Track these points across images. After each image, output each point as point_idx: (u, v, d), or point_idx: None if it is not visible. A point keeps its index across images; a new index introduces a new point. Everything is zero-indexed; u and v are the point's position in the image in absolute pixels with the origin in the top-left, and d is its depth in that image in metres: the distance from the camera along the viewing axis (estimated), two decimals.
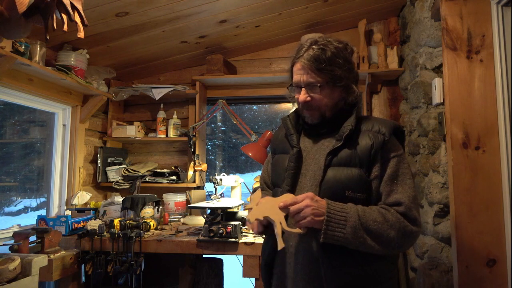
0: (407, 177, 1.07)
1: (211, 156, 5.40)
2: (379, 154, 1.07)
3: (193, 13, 2.08)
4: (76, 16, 1.15)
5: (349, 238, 0.97)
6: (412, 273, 2.19)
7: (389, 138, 1.08)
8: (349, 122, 1.11)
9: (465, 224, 1.51)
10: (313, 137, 1.19)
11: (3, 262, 1.47)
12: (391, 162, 1.07)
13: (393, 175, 1.07)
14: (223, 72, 2.62)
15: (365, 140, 1.09)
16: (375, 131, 1.10)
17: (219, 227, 1.90)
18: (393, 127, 1.12)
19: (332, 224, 0.97)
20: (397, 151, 1.10)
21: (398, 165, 1.08)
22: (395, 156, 1.08)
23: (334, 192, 1.05)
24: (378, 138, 1.08)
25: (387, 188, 1.06)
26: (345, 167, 1.07)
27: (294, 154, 1.15)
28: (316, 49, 1.09)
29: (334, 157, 1.09)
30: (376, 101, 2.65)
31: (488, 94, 1.52)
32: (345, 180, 1.06)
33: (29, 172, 2.70)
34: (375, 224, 0.99)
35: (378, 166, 1.07)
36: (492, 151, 1.50)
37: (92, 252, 1.95)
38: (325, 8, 2.31)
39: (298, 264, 1.09)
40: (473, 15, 1.56)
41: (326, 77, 1.09)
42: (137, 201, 2.28)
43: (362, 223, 0.98)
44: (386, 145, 1.08)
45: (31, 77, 2.06)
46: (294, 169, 1.14)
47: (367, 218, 0.99)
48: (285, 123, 1.25)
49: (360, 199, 1.05)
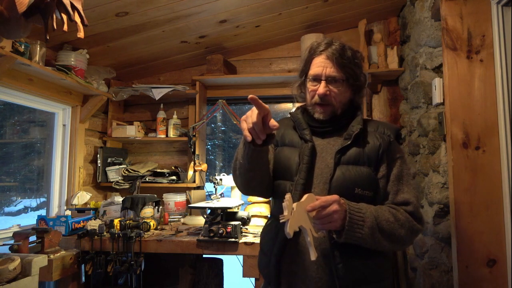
0: (410, 178, 1.14)
1: (211, 156, 5.40)
2: (385, 154, 1.13)
3: (193, 13, 2.08)
4: (76, 16, 1.15)
5: (366, 238, 1.00)
6: (412, 273, 2.19)
7: (394, 140, 1.15)
8: (357, 122, 1.15)
9: (465, 224, 1.51)
10: (318, 136, 1.19)
11: (3, 262, 1.47)
12: (396, 162, 1.13)
13: (399, 175, 1.12)
14: (223, 72, 2.62)
15: (372, 140, 1.14)
16: (381, 132, 1.17)
17: (219, 227, 1.90)
18: (396, 130, 1.18)
19: (352, 224, 0.98)
20: (400, 152, 1.16)
21: (402, 166, 1.14)
22: (399, 157, 1.14)
23: (344, 189, 1.06)
24: (384, 139, 1.14)
25: (395, 187, 1.11)
26: (354, 166, 1.10)
27: (310, 148, 1.14)
28: (338, 46, 1.13)
29: (342, 155, 1.11)
30: (376, 101, 2.65)
31: (488, 94, 1.52)
32: (354, 178, 1.08)
33: (29, 172, 2.70)
34: (388, 224, 1.03)
35: (385, 165, 1.12)
36: (492, 151, 1.50)
37: (92, 252, 1.95)
38: (325, 8, 2.31)
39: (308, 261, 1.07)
40: (473, 15, 1.56)
41: (347, 74, 1.13)
42: (137, 201, 2.28)
43: (378, 223, 1.01)
44: (391, 146, 1.14)
45: (31, 77, 2.06)
46: (308, 162, 1.12)
47: (381, 218, 1.03)
48: (296, 118, 1.23)
49: (368, 196, 1.08)
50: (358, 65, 1.16)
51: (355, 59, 1.15)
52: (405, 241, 1.07)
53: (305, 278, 1.08)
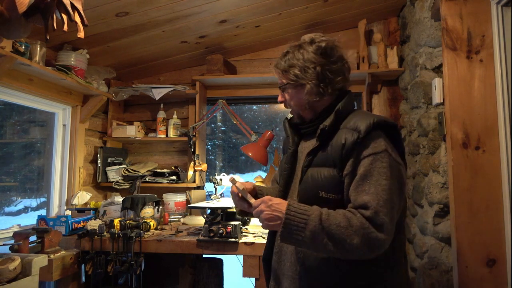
0: (383, 177, 0.97)
1: (211, 156, 5.41)
2: (351, 153, 1.01)
3: (193, 13, 2.08)
4: (76, 16, 1.15)
5: (307, 242, 0.94)
6: (412, 273, 2.19)
7: (364, 136, 1.00)
8: (324, 121, 1.09)
9: (465, 224, 1.51)
10: (305, 138, 1.20)
11: (3, 262, 1.47)
12: (364, 161, 0.99)
13: (365, 175, 0.98)
14: (223, 72, 2.62)
15: (338, 139, 1.04)
16: (351, 127, 1.04)
17: (219, 227, 1.90)
18: (372, 124, 1.01)
19: (291, 227, 0.95)
20: (375, 149, 1.00)
21: (373, 164, 0.98)
22: (371, 155, 0.99)
23: (309, 193, 1.05)
24: (351, 136, 1.01)
25: (358, 189, 0.98)
26: (321, 167, 1.06)
27: (288, 156, 1.19)
28: (284, 53, 1.16)
29: (314, 157, 1.09)
30: (376, 101, 2.65)
31: (488, 94, 1.52)
32: (320, 180, 1.04)
33: (29, 172, 2.70)
34: (338, 229, 0.93)
35: (349, 165, 1.01)
36: (492, 151, 1.50)
37: (92, 252, 1.95)
38: (325, 8, 2.31)
39: (287, 262, 1.11)
40: (473, 15, 1.56)
41: (288, 79, 1.13)
42: (137, 201, 2.28)
43: (324, 227, 0.93)
44: (360, 143, 1.00)
45: (31, 77, 2.06)
46: (287, 170, 1.18)
47: (330, 222, 0.94)
48: (284, 125, 1.27)
49: (334, 199, 1.02)
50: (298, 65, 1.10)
51: (297, 60, 1.11)
52: (360, 250, 0.92)
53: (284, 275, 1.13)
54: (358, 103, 2.78)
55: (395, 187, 0.98)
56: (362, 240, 0.92)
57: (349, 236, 0.92)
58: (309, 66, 1.09)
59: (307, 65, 1.10)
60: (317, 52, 1.10)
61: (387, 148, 1.00)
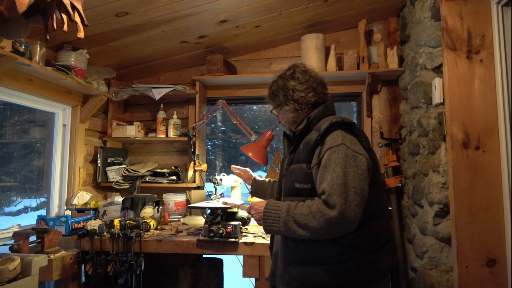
0: (339, 166, 1.14)
1: (211, 156, 5.40)
2: (314, 148, 1.23)
3: (193, 13, 2.08)
4: (76, 16, 1.15)
5: (283, 230, 1.20)
6: (412, 273, 2.19)
7: (322, 134, 1.21)
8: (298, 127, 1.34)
9: (465, 224, 1.51)
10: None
11: (3, 262, 1.47)
12: (325, 154, 1.18)
13: (324, 166, 1.17)
14: (223, 72, 2.62)
15: (307, 139, 1.27)
16: (316, 128, 1.27)
17: (219, 227, 1.90)
18: (330, 123, 1.22)
19: (269, 220, 1.23)
20: (333, 143, 1.18)
21: (331, 156, 1.17)
22: (329, 149, 1.18)
23: (288, 186, 1.30)
24: (315, 135, 1.23)
25: (320, 178, 1.18)
26: (296, 164, 1.30)
27: (283, 160, 1.46)
28: (270, 84, 1.44)
29: (294, 156, 1.33)
30: (376, 101, 2.65)
31: (488, 94, 1.52)
32: (294, 174, 1.28)
33: (29, 172, 2.70)
34: (302, 217, 1.15)
35: (314, 159, 1.22)
36: (492, 151, 1.51)
37: (92, 252, 1.95)
38: (325, 8, 2.31)
39: (278, 245, 1.37)
40: (473, 15, 1.56)
41: (274, 104, 1.43)
42: (137, 201, 2.28)
43: (291, 217, 1.18)
44: (320, 140, 1.22)
45: (31, 77, 2.07)
46: (281, 171, 1.43)
47: (295, 213, 1.17)
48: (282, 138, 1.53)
49: (306, 189, 1.23)
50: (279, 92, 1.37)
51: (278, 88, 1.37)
52: (322, 230, 1.12)
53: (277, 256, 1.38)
54: (358, 103, 2.78)
55: (353, 173, 1.14)
56: (320, 222, 1.12)
57: (310, 221, 1.14)
58: (286, 91, 1.35)
59: (284, 90, 1.36)
60: (290, 77, 1.37)
61: (344, 142, 1.18)
